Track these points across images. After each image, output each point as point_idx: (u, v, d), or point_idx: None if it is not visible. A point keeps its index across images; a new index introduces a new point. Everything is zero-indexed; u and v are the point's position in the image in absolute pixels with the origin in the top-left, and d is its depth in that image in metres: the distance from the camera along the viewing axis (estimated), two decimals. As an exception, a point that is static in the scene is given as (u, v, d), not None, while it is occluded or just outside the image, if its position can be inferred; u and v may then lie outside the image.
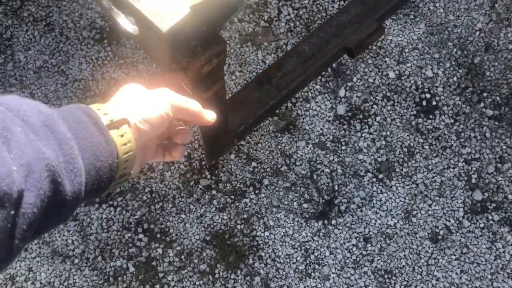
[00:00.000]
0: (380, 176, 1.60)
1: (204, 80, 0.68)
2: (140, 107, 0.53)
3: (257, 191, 1.59)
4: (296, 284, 1.51)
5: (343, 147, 1.62)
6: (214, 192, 1.59)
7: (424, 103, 1.67)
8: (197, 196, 1.58)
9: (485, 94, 1.68)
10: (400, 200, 1.58)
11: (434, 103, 1.66)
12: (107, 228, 1.55)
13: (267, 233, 1.55)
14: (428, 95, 1.67)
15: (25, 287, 1.51)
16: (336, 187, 1.59)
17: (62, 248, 1.54)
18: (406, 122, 1.65)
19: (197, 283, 1.51)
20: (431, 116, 1.65)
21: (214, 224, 1.56)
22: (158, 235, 1.55)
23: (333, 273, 1.52)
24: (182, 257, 1.53)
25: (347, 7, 1.15)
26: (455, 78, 1.69)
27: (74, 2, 1.77)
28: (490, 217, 1.57)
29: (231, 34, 1.73)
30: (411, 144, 1.63)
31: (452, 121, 1.65)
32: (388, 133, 1.64)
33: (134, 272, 1.52)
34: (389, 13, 1.18)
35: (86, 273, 1.52)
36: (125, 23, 0.61)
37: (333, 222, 1.56)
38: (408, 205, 1.58)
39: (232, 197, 1.58)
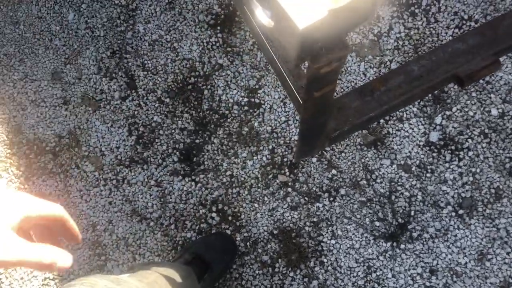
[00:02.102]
0: (461, 211, 1.55)
1: (319, 80, 0.72)
2: None
3: (331, 199, 1.61)
4: (351, 297, 1.51)
5: (428, 175, 1.59)
6: (289, 189, 1.63)
7: (523, 147, 1.59)
8: (272, 190, 1.63)
9: None
10: (477, 241, 1.52)
11: (534, 150, 1.58)
12: (186, 200, 1.65)
13: (333, 241, 1.57)
14: (529, 141, 1.59)
15: (103, 236, 1.65)
16: (412, 213, 1.57)
17: (141, 209, 1.66)
18: (500, 163, 1.59)
19: (257, 271, 1.56)
20: (528, 163, 1.58)
21: (284, 220, 1.60)
22: (230, 218, 1.62)
23: (391, 296, 1.50)
24: (248, 243, 1.59)
25: (464, 36, 1.14)
26: None
27: (197, -14, 1.88)
28: None
29: (338, 42, 1.75)
30: (500, 186, 1.57)
31: (550, 172, 1.56)
32: (478, 170, 1.59)
33: (200, 247, 1.60)
34: (509, 50, 1.15)
35: (158, 237, 1.63)
36: (261, 15, 0.66)
37: (402, 246, 1.54)
38: (484, 247, 1.52)
39: (306, 198, 1.61)
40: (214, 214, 1.63)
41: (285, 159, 1.66)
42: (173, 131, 1.72)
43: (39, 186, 1.72)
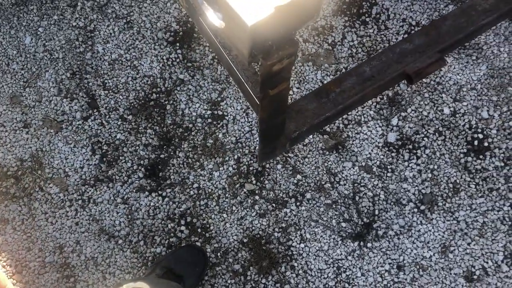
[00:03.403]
0: (422, 207, 1.61)
1: (273, 77, 0.75)
2: None
3: (298, 203, 1.64)
4: (323, 299, 1.53)
5: (388, 174, 1.65)
6: (257, 197, 1.65)
7: (475, 143, 1.67)
8: (240, 199, 1.65)
9: (540, 143, 1.66)
10: (439, 234, 1.58)
11: (486, 144, 1.67)
12: (153, 215, 1.64)
13: (302, 245, 1.59)
14: (480, 136, 1.68)
15: (71, 257, 1.62)
16: (376, 212, 1.62)
17: (109, 228, 1.64)
18: (455, 159, 1.66)
19: (229, 281, 1.57)
20: (481, 157, 1.66)
21: (253, 228, 1.62)
22: (199, 230, 1.62)
23: (362, 294, 1.53)
24: (218, 254, 1.60)
25: (411, 37, 1.21)
26: (511, 123, 1.69)
27: (154, 5, 1.91)
28: (530, 266, 1.54)
29: (295, 52, 1.81)
30: (457, 181, 1.64)
31: (502, 164, 1.64)
32: (436, 167, 1.65)
33: (171, 261, 1.60)
34: (452, 47, 1.22)
35: (127, 254, 1.61)
36: (213, 17, 0.70)
37: (369, 245, 1.58)
38: (446, 240, 1.58)
39: (274, 205, 1.64)
40: (183, 228, 1.63)
41: (251, 168, 1.68)
42: (137, 147, 1.73)
43: (1, 212, 1.68)
